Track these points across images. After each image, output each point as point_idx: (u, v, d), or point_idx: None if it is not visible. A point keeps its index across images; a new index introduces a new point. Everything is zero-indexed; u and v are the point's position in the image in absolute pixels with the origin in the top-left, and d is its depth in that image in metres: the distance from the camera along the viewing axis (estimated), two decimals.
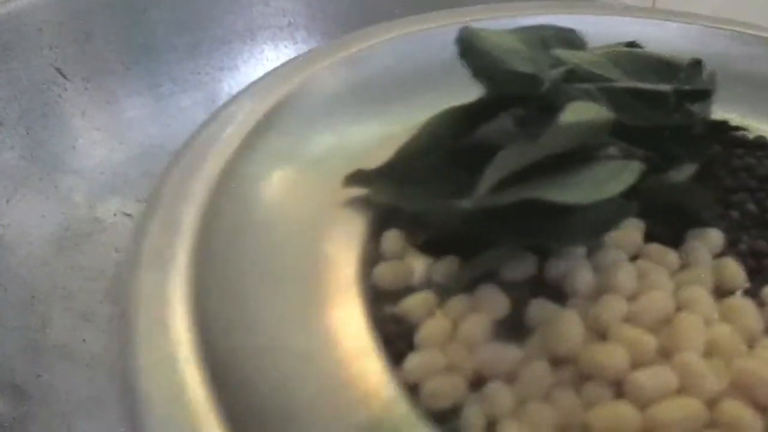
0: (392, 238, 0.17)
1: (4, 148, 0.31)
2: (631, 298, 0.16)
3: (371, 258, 0.17)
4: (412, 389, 0.14)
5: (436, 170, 0.17)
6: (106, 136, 0.34)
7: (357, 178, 0.17)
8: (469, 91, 0.17)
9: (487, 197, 0.14)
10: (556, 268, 0.16)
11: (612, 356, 0.14)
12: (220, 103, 0.36)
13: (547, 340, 0.15)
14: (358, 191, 0.17)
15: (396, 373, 0.14)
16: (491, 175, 0.14)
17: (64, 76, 0.34)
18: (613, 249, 0.16)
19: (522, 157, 0.14)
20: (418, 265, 0.17)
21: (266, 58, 0.37)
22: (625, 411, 0.14)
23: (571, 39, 0.18)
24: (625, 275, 0.16)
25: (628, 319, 0.15)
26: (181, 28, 0.36)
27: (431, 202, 0.16)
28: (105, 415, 0.26)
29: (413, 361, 0.15)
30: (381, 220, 0.17)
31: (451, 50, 0.17)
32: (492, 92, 0.17)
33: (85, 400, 0.26)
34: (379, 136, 0.19)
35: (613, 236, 0.17)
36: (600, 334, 0.15)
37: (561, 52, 0.17)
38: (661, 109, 0.17)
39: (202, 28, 0.36)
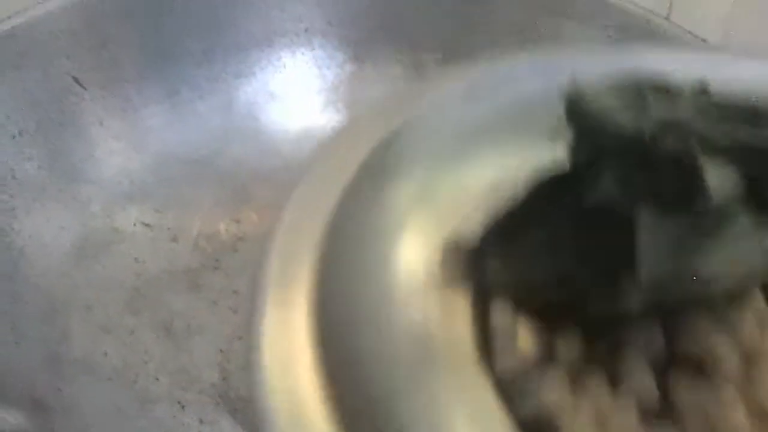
0: (502, 312, 0.16)
1: (23, 158, 0.31)
2: None
3: (483, 331, 0.16)
4: None
5: (547, 240, 0.16)
6: (123, 144, 0.34)
7: (455, 253, 0.17)
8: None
9: (652, 290, 0.14)
10: (694, 343, 0.16)
11: None
12: (237, 110, 0.36)
13: (710, 425, 0.15)
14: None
15: None
16: (647, 268, 0.14)
17: (81, 85, 0.34)
18: (744, 315, 0.16)
19: (667, 236, 0.15)
20: (532, 334, 0.16)
21: (283, 65, 0.36)
22: None
23: (666, 86, 0.17)
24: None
25: None
26: (197, 35, 0.35)
27: (570, 281, 0.16)
28: (126, 428, 0.26)
29: None
30: (483, 287, 0.17)
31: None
32: (592, 153, 0.16)
33: (107, 414, 0.26)
34: (474, 185, 0.18)
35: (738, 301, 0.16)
36: (758, 410, 0.15)
37: (655, 106, 0.17)
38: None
39: (218, 35, 0.35)
